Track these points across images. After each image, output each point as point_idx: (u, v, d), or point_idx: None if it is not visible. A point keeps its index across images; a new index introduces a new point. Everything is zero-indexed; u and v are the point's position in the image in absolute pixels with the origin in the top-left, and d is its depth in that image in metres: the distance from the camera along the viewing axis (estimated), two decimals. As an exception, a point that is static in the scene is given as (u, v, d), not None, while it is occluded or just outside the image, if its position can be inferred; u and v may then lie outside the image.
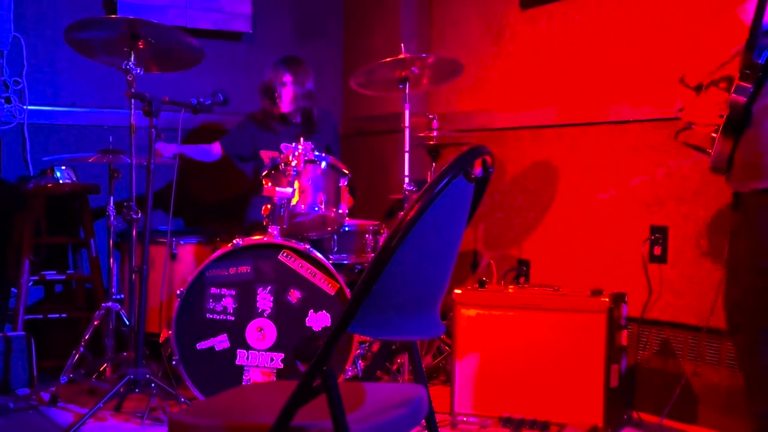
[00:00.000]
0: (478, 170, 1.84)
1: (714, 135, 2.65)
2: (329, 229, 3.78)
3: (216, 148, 4.31)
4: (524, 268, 4.12)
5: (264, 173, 3.65)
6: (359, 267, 4.00)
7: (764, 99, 2.54)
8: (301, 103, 4.23)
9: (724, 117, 2.59)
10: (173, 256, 4.00)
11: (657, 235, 3.56)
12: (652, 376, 3.57)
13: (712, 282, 3.30)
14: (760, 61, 2.51)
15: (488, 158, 1.84)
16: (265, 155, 4.17)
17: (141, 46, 3.52)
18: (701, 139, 2.76)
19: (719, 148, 2.63)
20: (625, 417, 3.43)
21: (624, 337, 3.32)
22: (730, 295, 2.83)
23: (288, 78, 4.19)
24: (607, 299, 3.21)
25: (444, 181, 1.62)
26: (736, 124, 2.57)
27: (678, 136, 2.85)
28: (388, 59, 3.85)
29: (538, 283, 3.68)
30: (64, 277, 4.46)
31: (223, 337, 3.46)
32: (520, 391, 3.30)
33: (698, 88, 2.73)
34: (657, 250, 3.56)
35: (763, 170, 2.58)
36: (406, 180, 3.86)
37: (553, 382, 3.26)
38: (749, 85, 2.52)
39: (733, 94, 2.54)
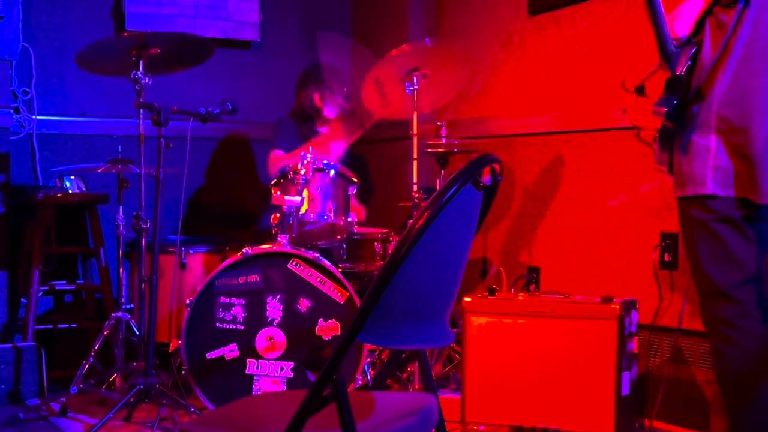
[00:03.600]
0: (486, 178, 1.84)
1: (654, 140, 2.68)
2: (338, 237, 3.78)
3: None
4: (534, 276, 4.11)
5: (273, 182, 3.66)
6: (368, 275, 3.99)
7: (689, 108, 2.53)
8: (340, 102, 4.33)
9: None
10: (182, 266, 4.00)
11: (667, 241, 3.54)
12: (664, 384, 3.55)
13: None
14: (679, 72, 2.51)
15: (497, 166, 1.84)
16: (276, 158, 4.19)
17: (151, 53, 3.51)
18: (650, 140, 2.81)
19: (659, 154, 2.66)
20: (637, 425, 3.41)
21: (635, 345, 3.30)
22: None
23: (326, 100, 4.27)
24: (617, 306, 3.19)
25: (453, 190, 1.61)
26: (666, 132, 2.59)
27: (638, 134, 2.88)
28: (396, 67, 3.86)
29: (548, 291, 3.67)
30: (73, 287, 4.47)
31: (233, 346, 3.45)
32: (531, 400, 3.29)
33: (639, 91, 2.74)
34: (667, 257, 3.54)
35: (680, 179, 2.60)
36: (415, 188, 3.85)
37: (564, 390, 3.24)
38: (672, 96, 2.53)
39: (655, 105, 2.56)
